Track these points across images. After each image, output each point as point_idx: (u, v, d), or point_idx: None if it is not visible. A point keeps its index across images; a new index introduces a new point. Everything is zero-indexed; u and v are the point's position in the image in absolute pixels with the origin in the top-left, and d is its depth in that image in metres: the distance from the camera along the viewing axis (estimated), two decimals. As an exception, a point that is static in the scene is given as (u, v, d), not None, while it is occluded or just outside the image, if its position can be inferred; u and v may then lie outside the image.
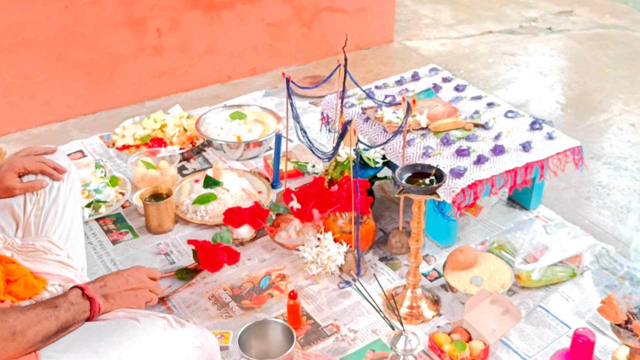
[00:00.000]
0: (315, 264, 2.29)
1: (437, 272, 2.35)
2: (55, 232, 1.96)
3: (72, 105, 3.31)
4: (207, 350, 1.67)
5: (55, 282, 1.73)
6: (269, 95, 3.54)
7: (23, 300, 1.61)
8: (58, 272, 1.79)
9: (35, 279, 1.69)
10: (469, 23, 4.66)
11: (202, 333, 1.69)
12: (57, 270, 1.79)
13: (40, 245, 1.84)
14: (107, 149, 3.02)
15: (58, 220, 1.98)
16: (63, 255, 1.86)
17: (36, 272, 1.73)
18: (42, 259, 1.80)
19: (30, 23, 3.03)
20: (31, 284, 1.65)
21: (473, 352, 1.99)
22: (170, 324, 1.63)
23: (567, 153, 2.45)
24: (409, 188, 1.94)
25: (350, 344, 2.07)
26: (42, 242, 1.87)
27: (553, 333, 2.10)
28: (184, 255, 2.41)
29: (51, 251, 1.84)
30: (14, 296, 1.60)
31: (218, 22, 3.53)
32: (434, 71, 2.95)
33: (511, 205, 2.69)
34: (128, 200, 2.66)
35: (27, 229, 1.94)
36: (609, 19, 4.72)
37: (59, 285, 1.73)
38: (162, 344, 1.59)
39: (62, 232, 1.97)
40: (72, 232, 2.01)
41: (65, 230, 1.98)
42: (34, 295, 1.64)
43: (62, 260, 1.83)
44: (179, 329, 1.64)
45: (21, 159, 2.01)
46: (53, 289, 1.71)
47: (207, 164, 2.92)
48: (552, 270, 2.27)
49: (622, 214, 2.69)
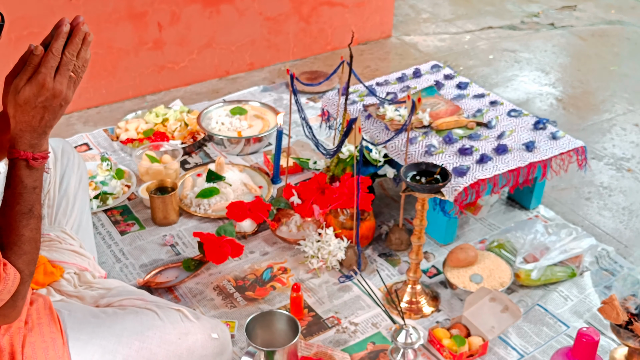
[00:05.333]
0: (316, 258, 2.33)
1: (436, 269, 2.38)
2: (68, 222, 2.02)
3: (76, 99, 3.25)
4: (222, 341, 1.75)
5: (71, 270, 1.82)
6: (267, 91, 3.55)
7: (42, 286, 1.68)
8: (73, 261, 1.87)
9: (53, 267, 1.76)
10: (468, 18, 4.61)
11: (218, 324, 1.78)
12: (72, 259, 1.87)
13: (55, 235, 1.92)
14: (112, 142, 3.05)
15: (69, 211, 2.04)
16: (76, 244, 1.95)
17: (53, 260, 1.80)
18: (57, 248, 1.88)
19: (36, 17, 3.03)
20: (50, 272, 1.73)
21: (472, 348, 2.02)
22: (186, 316, 1.72)
23: (571, 153, 2.47)
24: (414, 186, 1.96)
25: (351, 336, 2.10)
26: (56, 232, 1.95)
27: (551, 331, 2.12)
28: (189, 246, 2.45)
29: (65, 241, 1.92)
30: (35, 282, 1.68)
31: (217, 16, 3.53)
32: (435, 68, 2.96)
33: (510, 205, 2.70)
34: (134, 192, 2.70)
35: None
36: (615, 15, 4.68)
37: (75, 273, 1.81)
38: (182, 334, 1.68)
39: (73, 223, 2.03)
40: (83, 223, 2.08)
41: (76, 221, 2.05)
42: (52, 282, 1.71)
43: (75, 250, 1.92)
44: (195, 321, 1.72)
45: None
46: (69, 276, 1.80)
47: (208, 158, 2.95)
48: (551, 270, 2.29)
49: (624, 216, 2.69)
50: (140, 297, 1.80)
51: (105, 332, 1.60)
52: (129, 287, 1.91)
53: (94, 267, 1.94)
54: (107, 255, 2.40)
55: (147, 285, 2.22)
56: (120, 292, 1.81)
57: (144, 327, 1.65)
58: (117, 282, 1.92)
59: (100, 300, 1.78)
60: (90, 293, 1.81)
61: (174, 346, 1.66)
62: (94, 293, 1.82)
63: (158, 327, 1.67)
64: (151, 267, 2.34)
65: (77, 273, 1.86)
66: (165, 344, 1.65)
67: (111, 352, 1.58)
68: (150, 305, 1.74)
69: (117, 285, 1.88)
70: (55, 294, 1.78)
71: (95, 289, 1.84)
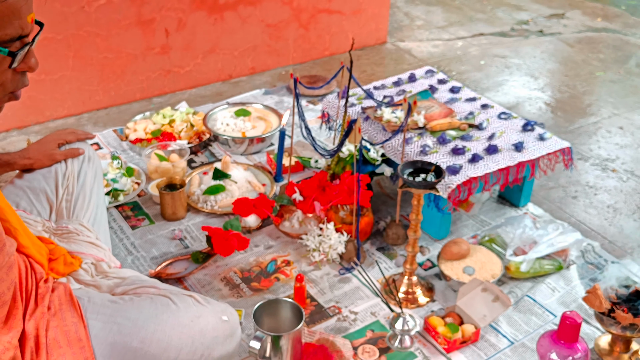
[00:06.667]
0: (317, 252, 2.40)
1: (430, 262, 2.44)
2: (85, 216, 2.08)
3: (86, 101, 3.37)
4: (232, 324, 1.79)
5: (88, 261, 1.85)
6: (269, 94, 3.59)
7: (63, 275, 1.73)
8: (90, 252, 1.91)
9: (72, 257, 1.81)
10: (461, 25, 4.64)
11: (227, 308, 1.82)
12: (89, 250, 1.92)
13: (73, 228, 1.97)
14: (121, 142, 3.12)
15: (86, 205, 2.10)
16: (92, 236, 2.00)
17: (71, 251, 1.85)
18: (75, 240, 1.93)
19: (50, 23, 3.04)
20: (69, 262, 1.77)
21: (465, 335, 2.07)
22: (198, 301, 1.76)
23: (558, 153, 2.51)
24: (411, 183, 2.03)
25: (351, 324, 2.17)
26: (74, 224, 2.00)
27: (539, 320, 2.19)
28: (197, 240, 2.52)
29: (82, 233, 1.97)
30: (55, 272, 1.71)
31: (221, 23, 3.57)
32: (429, 73, 3.01)
33: (501, 203, 2.74)
34: (143, 189, 2.77)
35: (60, 213, 2.06)
36: (601, 23, 4.70)
37: (92, 263, 1.86)
38: (194, 317, 1.72)
39: (90, 216, 2.09)
40: (98, 216, 2.14)
41: (92, 215, 2.11)
42: (71, 272, 1.75)
43: (92, 241, 1.96)
44: (206, 305, 1.76)
45: (59, 133, 2.18)
46: (87, 266, 1.83)
47: (214, 157, 3.01)
48: (539, 263, 2.34)
49: (608, 213, 2.74)
50: (153, 285, 1.84)
51: (122, 316, 1.66)
52: (142, 276, 1.95)
53: (109, 258, 1.98)
54: (120, 249, 2.47)
55: (158, 276, 2.28)
56: (134, 281, 1.84)
57: (158, 311, 1.70)
58: (131, 271, 1.94)
59: (116, 289, 1.81)
60: (107, 282, 1.84)
61: (187, 328, 1.70)
62: (110, 282, 1.85)
63: (172, 311, 1.71)
64: (161, 260, 2.41)
65: (94, 263, 1.89)
66: (179, 326, 1.70)
67: (128, 334, 1.64)
68: (164, 292, 1.79)
69: (132, 274, 1.91)
70: (74, 283, 1.81)
71: (111, 278, 1.88)
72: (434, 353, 2.08)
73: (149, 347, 1.66)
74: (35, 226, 1.89)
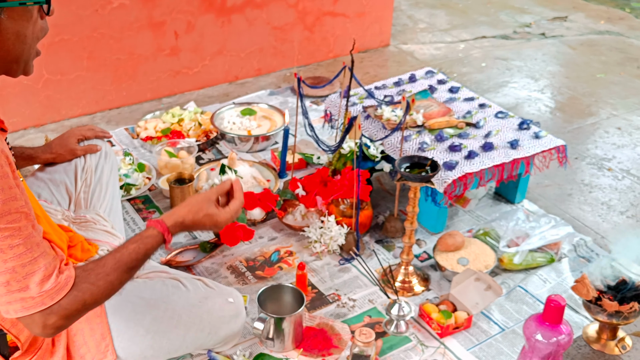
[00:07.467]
0: (319, 243, 2.49)
1: (427, 254, 2.52)
2: (101, 206, 2.19)
3: (100, 100, 3.44)
4: (237, 305, 1.94)
5: (104, 248, 1.96)
6: (274, 94, 3.66)
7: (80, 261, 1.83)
8: (106, 240, 2.02)
9: (89, 244, 1.91)
10: (463, 28, 4.67)
11: (233, 291, 1.96)
12: (105, 238, 2.03)
13: (90, 217, 2.08)
14: (132, 139, 3.21)
15: (102, 196, 2.21)
16: (108, 225, 2.10)
17: (89, 239, 1.96)
18: (93, 228, 2.04)
19: (66, 25, 3.15)
20: (86, 249, 1.87)
21: (458, 321, 2.16)
22: (206, 284, 1.91)
23: (552, 151, 2.57)
24: (408, 176, 2.12)
25: (350, 310, 2.27)
26: (91, 214, 2.11)
27: (530, 309, 2.26)
28: (204, 231, 2.61)
29: (99, 222, 2.08)
30: (74, 258, 1.81)
31: (229, 26, 3.63)
32: (429, 74, 3.08)
33: (497, 199, 2.81)
34: (154, 184, 2.86)
35: (78, 203, 2.17)
36: (604, 25, 4.73)
37: (107, 250, 1.96)
38: (202, 298, 1.87)
39: (106, 207, 2.20)
40: (114, 207, 2.25)
41: (108, 206, 2.21)
42: (89, 258, 1.85)
43: (108, 230, 2.07)
44: (214, 287, 1.91)
45: (79, 129, 2.30)
46: (103, 253, 1.93)
47: (221, 154, 3.10)
48: (532, 255, 2.42)
49: (602, 210, 2.80)
50: (164, 270, 1.97)
51: (136, 296, 1.80)
52: (154, 262, 2.07)
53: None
54: (132, 239, 2.58)
55: (168, 264, 2.38)
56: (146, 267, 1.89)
57: (169, 292, 1.85)
58: (144, 258, 2.09)
59: None
60: (121, 268, 1.99)
61: (195, 308, 1.85)
62: (124, 268, 2.00)
63: (182, 292, 1.86)
64: (171, 249, 2.50)
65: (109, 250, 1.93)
66: (189, 306, 1.85)
67: (142, 312, 1.78)
68: (175, 275, 1.93)
69: None
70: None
71: (124, 264, 2.02)
72: (428, 338, 2.17)
73: (160, 324, 1.80)
74: (55, 215, 1.99)
